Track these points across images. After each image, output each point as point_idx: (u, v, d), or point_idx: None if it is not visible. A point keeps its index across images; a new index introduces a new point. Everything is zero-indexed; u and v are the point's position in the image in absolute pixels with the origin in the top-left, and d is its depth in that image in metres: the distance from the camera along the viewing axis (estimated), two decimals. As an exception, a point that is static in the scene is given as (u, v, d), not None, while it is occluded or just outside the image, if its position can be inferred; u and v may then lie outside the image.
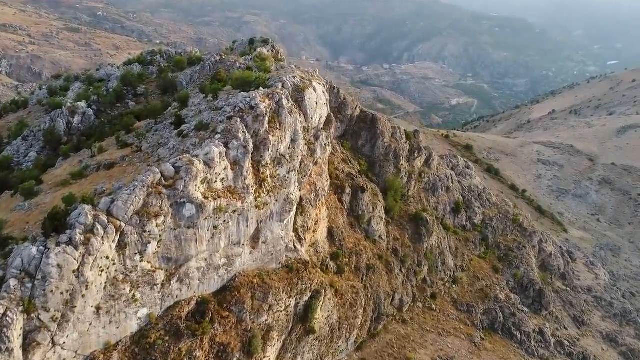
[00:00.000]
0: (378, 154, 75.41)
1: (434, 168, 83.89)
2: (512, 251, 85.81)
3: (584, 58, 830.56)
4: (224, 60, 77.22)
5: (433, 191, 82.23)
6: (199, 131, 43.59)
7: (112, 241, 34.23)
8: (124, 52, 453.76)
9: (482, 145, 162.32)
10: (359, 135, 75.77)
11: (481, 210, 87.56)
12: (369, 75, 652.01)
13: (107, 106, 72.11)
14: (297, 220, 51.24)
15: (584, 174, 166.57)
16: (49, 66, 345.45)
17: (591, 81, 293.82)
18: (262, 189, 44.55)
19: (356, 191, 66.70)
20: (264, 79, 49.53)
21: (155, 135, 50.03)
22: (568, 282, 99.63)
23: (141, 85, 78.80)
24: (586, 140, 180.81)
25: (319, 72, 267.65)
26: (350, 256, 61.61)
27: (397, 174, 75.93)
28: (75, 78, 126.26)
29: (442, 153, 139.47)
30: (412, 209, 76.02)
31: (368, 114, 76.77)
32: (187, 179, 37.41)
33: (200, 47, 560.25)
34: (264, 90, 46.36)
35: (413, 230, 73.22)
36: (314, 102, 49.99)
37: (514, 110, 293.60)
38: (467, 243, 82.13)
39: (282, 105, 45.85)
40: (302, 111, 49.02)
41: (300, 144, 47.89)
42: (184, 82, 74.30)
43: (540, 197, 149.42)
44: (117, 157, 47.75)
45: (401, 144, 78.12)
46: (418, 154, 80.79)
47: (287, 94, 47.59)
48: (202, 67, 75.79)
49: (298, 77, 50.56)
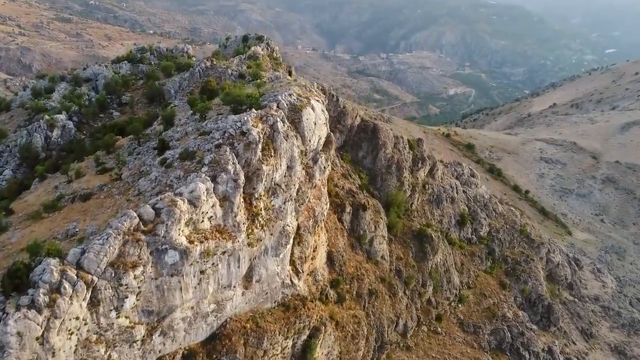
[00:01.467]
0: (380, 167, 70.94)
1: (438, 178, 79.50)
2: (519, 265, 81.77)
3: (581, 46, 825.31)
4: (214, 66, 72.28)
5: (437, 203, 77.91)
6: (184, 161, 38.92)
7: (82, 299, 29.79)
8: (116, 43, 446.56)
9: (483, 143, 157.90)
10: (360, 147, 71.26)
11: (487, 221, 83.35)
12: (365, 65, 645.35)
13: (90, 117, 67.24)
14: (294, 252, 46.85)
15: (587, 172, 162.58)
16: (39, 58, 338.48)
17: (592, 73, 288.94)
18: (255, 224, 40.07)
19: (357, 209, 62.30)
20: (257, 97, 44.77)
21: (137, 160, 45.30)
22: (575, 292, 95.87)
23: (126, 93, 73.90)
24: (589, 137, 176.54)
25: (316, 61, 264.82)
26: (351, 282, 57.34)
27: (399, 187, 71.55)
28: (60, 78, 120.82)
29: (443, 153, 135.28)
30: (416, 224, 71.69)
31: (369, 123, 72.17)
32: (169, 223, 32.90)
33: (195, 37, 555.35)
34: (256, 112, 41.63)
35: (417, 247, 68.95)
36: (312, 123, 45.34)
37: (514, 103, 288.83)
38: (472, 258, 78.03)
39: (277, 129, 41.21)
40: (299, 133, 44.37)
41: (297, 170, 43.34)
42: (172, 90, 69.44)
43: (543, 198, 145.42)
44: (95, 185, 43.09)
45: (404, 154, 73.65)
46: (422, 164, 76.37)
47: (283, 115, 42.92)
48: (191, 73, 70.78)
49: (294, 95, 45.83)
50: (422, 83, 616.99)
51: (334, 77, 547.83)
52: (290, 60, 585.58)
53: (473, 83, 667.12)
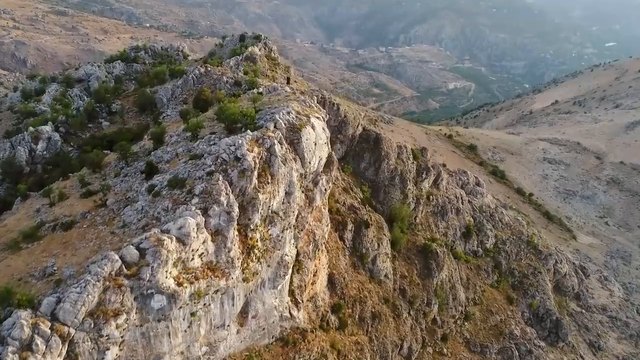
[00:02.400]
0: (382, 178, 67.70)
1: (442, 188, 76.31)
2: (527, 278, 78.78)
3: (582, 40, 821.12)
4: (209, 73, 68.86)
5: (442, 215, 74.77)
6: (173, 189, 35.62)
7: (57, 356, 26.61)
8: (113, 37, 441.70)
9: (486, 144, 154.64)
10: (362, 157, 67.96)
11: (493, 232, 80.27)
12: (364, 59, 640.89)
13: (77, 128, 63.77)
14: (292, 281, 43.70)
15: (591, 173, 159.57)
16: (33, 53, 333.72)
17: (595, 69, 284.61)
18: (251, 257, 36.88)
19: (359, 226, 59.13)
20: (252, 115, 41.39)
21: (123, 182, 42.01)
22: (582, 302, 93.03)
23: (116, 101, 70.34)
24: (593, 137, 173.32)
25: (314, 55, 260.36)
26: (353, 305, 54.26)
27: (403, 200, 68.36)
28: (51, 79, 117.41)
29: (445, 155, 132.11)
30: (421, 238, 68.56)
31: (371, 133, 68.85)
32: (154, 265, 29.68)
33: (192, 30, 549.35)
34: (252, 134, 38.29)
35: (422, 264, 65.86)
36: (312, 143, 42.02)
37: (515, 100, 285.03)
38: (479, 271, 75.00)
39: (275, 152, 37.90)
40: (298, 155, 41.06)
41: (296, 196, 40.08)
42: (164, 99, 66.00)
43: (547, 200, 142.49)
44: (78, 212, 39.78)
45: (408, 165, 70.42)
46: (426, 175, 73.14)
47: (280, 136, 39.60)
48: (184, 80, 67.39)
49: (293, 113, 42.45)
50: (421, 77, 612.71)
51: (333, 71, 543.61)
52: (289, 54, 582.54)
53: (473, 77, 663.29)
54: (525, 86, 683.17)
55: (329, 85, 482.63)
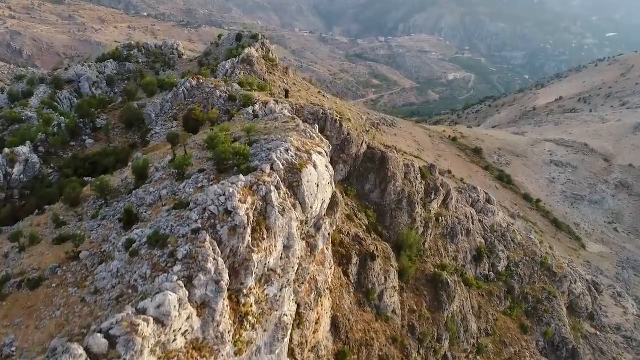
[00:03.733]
0: (389, 201, 62.47)
1: (452, 208, 71.17)
2: (541, 303, 73.90)
3: (582, 29, 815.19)
4: (201, 86, 63.29)
5: (452, 237, 69.69)
6: (153, 248, 30.28)
7: None
8: (110, 26, 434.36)
9: (491, 146, 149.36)
10: (366, 179, 62.66)
11: (505, 254, 75.27)
12: (364, 49, 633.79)
13: (58, 147, 58.32)
14: (292, 338, 38.61)
15: (599, 176, 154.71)
16: (29, 43, 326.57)
17: (599, 64, 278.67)
18: (245, 326, 31.73)
19: (365, 259, 53.99)
20: (246, 154, 35.98)
21: (100, 228, 36.67)
22: (597, 323, 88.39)
23: (102, 115, 64.82)
24: (601, 138, 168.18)
25: (313, 45, 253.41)
26: (359, 350, 49.28)
27: (411, 224, 63.18)
28: (40, 80, 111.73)
29: (450, 160, 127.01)
30: (430, 266, 63.47)
31: (376, 152, 63.45)
32: (127, 357, 24.50)
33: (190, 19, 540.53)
34: (245, 179, 32.94)
35: (432, 295, 60.82)
36: (314, 185, 36.73)
37: (518, 95, 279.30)
38: (491, 298, 70.10)
39: (271, 201, 32.62)
40: (298, 200, 35.77)
41: (296, 249, 34.83)
42: (152, 114, 60.49)
43: (554, 206, 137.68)
44: (48, 265, 34.61)
45: (416, 185, 65.19)
46: (435, 195, 67.94)
47: (278, 180, 34.28)
48: (174, 94, 61.83)
49: (292, 149, 37.04)
50: (421, 68, 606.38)
51: (332, 62, 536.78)
52: (288, 44, 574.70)
53: (473, 68, 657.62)
54: (525, 77, 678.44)
55: (328, 76, 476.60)
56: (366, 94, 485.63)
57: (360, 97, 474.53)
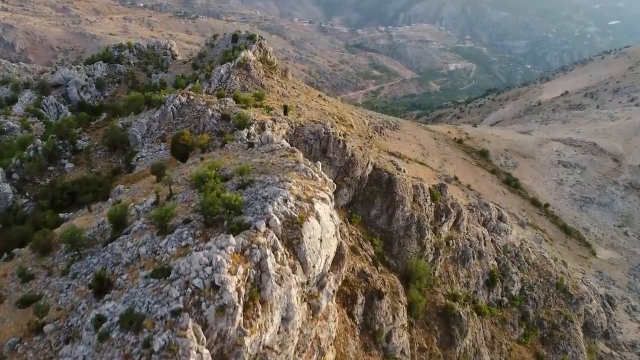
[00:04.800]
0: (397, 228, 57.59)
1: (463, 230, 66.31)
2: (557, 329, 69.28)
3: (584, 18, 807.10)
4: (191, 103, 58.08)
5: (463, 261, 64.91)
6: (125, 332, 25.40)
7: None
8: (105, 17, 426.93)
9: (497, 147, 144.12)
10: (372, 203, 57.72)
11: (519, 276, 70.54)
12: (364, 39, 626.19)
13: (35, 173, 53.19)
14: (292, 411, 33.86)
15: (608, 177, 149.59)
16: (22, 36, 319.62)
17: (605, 57, 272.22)
18: (236, 416, 26.97)
19: (371, 297, 49.22)
20: (237, 205, 30.98)
21: (70, 291, 31.88)
22: (612, 341, 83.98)
23: (83, 135, 59.51)
24: (610, 137, 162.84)
25: (312, 35, 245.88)
26: (365, 403, 44.75)
27: (421, 252, 58.37)
28: (25, 85, 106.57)
29: (456, 165, 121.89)
30: (441, 296, 58.72)
31: (383, 174, 58.42)
32: None
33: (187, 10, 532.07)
34: (236, 241, 27.92)
35: (443, 330, 56.12)
36: (317, 241, 31.78)
37: (522, 89, 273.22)
38: (504, 326, 65.46)
39: (267, 269, 27.71)
40: (298, 260, 30.82)
41: (296, 321, 29.98)
42: (138, 135, 55.31)
43: (563, 210, 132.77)
44: (7, 340, 29.81)
45: (425, 208, 60.27)
46: (446, 217, 63.05)
47: (275, 239, 29.31)
48: (162, 112, 56.65)
49: (291, 199, 31.96)
50: (422, 58, 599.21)
51: (332, 53, 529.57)
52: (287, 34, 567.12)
53: (474, 57, 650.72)
54: (527, 67, 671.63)
55: (327, 67, 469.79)
56: (366, 85, 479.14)
57: (360, 88, 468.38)
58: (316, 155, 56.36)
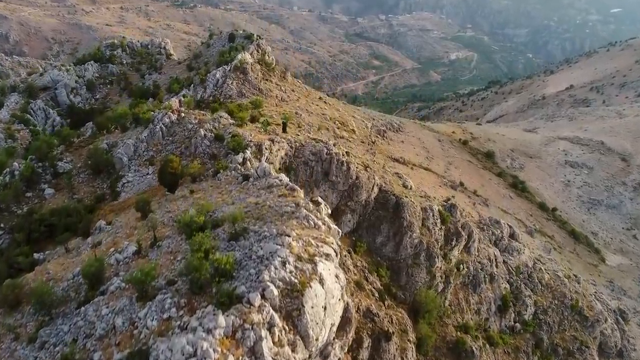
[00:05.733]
0: (405, 256, 53.37)
1: (474, 252, 62.12)
2: (572, 356, 65.33)
3: (586, 5, 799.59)
4: (182, 121, 53.54)
5: (474, 286, 60.81)
6: None
7: None
8: (102, 7, 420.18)
9: (503, 147, 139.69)
10: (378, 229, 53.44)
11: (532, 299, 66.48)
12: (364, 28, 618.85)
13: (11, 201, 48.73)
14: None
15: (616, 177, 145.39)
16: (16, 27, 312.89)
17: (611, 49, 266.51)
18: None
19: (378, 339, 45.10)
20: (229, 268, 26.70)
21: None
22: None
23: (65, 155, 54.82)
24: (618, 135, 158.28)
25: (312, 24, 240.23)
26: None
27: (430, 281, 54.23)
28: (11, 88, 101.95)
29: (462, 169, 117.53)
30: (451, 328, 54.66)
31: (389, 197, 54.06)
32: None
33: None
34: (226, 321, 23.61)
35: (454, 367, 52.20)
36: (321, 309, 27.43)
37: (526, 82, 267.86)
38: (517, 354, 61.42)
39: (262, 354, 23.43)
40: (299, 334, 26.52)
41: (297, 407, 25.79)
42: (124, 158, 50.77)
43: (571, 214, 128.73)
44: None
45: (434, 233, 56.01)
46: (456, 241, 58.81)
47: (272, 314, 25.03)
48: (151, 132, 52.09)
49: (291, 260, 27.57)
50: (422, 47, 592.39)
51: (332, 42, 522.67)
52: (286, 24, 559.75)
53: (475, 46, 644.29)
54: (528, 56, 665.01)
55: (327, 57, 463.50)
56: (366, 75, 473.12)
57: (361, 79, 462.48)
58: (318, 179, 52.02)
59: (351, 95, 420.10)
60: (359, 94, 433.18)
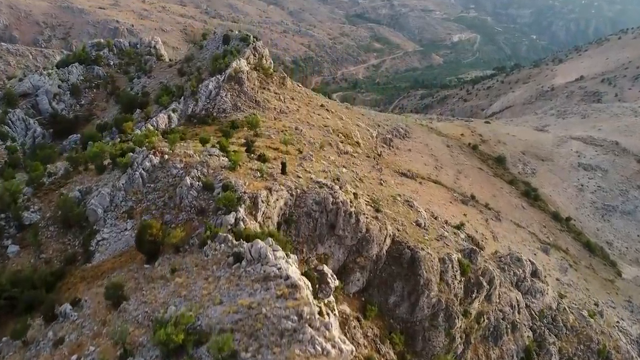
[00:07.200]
0: (421, 318, 46.95)
1: (495, 300, 55.69)
2: (600, 408, 59.75)
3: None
4: (166, 164, 46.44)
5: (495, 339, 54.54)
6: None
7: None
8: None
9: (514, 150, 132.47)
10: (391, 288, 46.90)
11: (557, 346, 60.27)
12: (365, 8, 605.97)
13: (-33, 262, 41.95)
14: None
15: (631, 180, 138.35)
16: (6, 11, 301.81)
17: (623, 37, 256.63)
18: None
19: None
20: None
21: None
22: (650, 398, 74.61)
23: (33, 202, 47.74)
24: (634, 135, 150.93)
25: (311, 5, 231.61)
26: None
27: (449, 344, 47.92)
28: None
29: (472, 177, 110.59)
30: (471, 395, 48.64)
31: (404, 251, 47.37)
32: None
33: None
34: None
35: None
36: None
37: (534, 70, 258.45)
38: (542, 413, 55.72)
39: None
40: None
41: None
42: (98, 210, 43.75)
43: (585, 222, 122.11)
44: None
45: (454, 288, 49.51)
46: (477, 293, 52.31)
47: None
48: (129, 178, 45.07)
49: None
50: (424, 29, 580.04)
51: (332, 24, 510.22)
52: (284, 4, 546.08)
53: (478, 27, 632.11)
54: (532, 37, 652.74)
55: (327, 40, 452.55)
56: (367, 59, 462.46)
57: (361, 62, 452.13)
58: (322, 233, 45.27)
59: (352, 80, 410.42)
60: (359, 78, 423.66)
